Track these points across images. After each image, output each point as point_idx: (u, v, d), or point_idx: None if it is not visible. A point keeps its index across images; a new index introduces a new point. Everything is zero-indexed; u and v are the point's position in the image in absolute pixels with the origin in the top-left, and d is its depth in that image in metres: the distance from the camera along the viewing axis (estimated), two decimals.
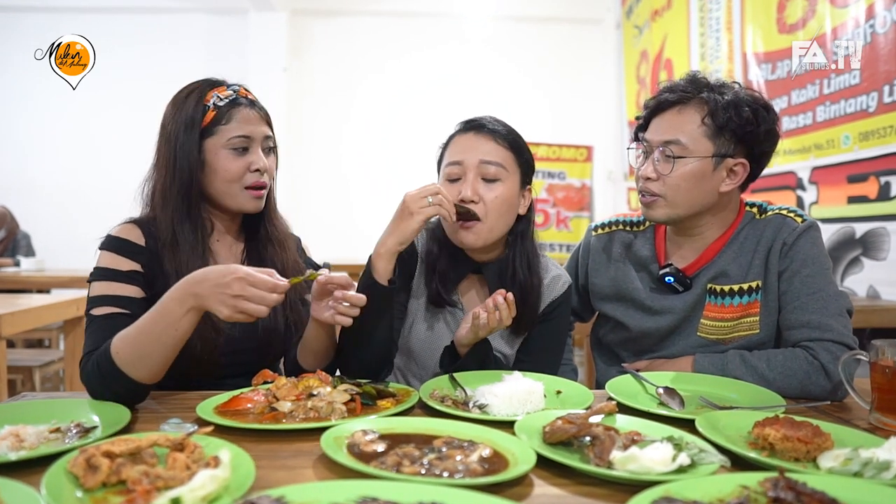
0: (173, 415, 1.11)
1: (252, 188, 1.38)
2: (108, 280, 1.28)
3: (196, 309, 1.13)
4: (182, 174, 1.34)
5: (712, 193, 1.43)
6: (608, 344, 1.65)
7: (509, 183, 1.41)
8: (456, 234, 1.43)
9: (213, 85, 1.39)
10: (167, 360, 1.16)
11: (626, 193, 6.20)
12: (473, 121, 1.44)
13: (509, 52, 6.78)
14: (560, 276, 1.54)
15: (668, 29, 5.45)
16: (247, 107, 1.39)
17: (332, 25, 6.86)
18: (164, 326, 1.13)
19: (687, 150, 1.40)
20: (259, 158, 1.38)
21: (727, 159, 1.41)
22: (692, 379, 1.35)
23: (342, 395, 1.09)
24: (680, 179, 1.41)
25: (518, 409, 1.12)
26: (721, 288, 1.46)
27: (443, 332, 1.50)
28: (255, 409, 1.09)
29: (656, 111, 1.48)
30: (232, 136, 1.35)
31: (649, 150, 1.46)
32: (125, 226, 1.37)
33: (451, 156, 1.43)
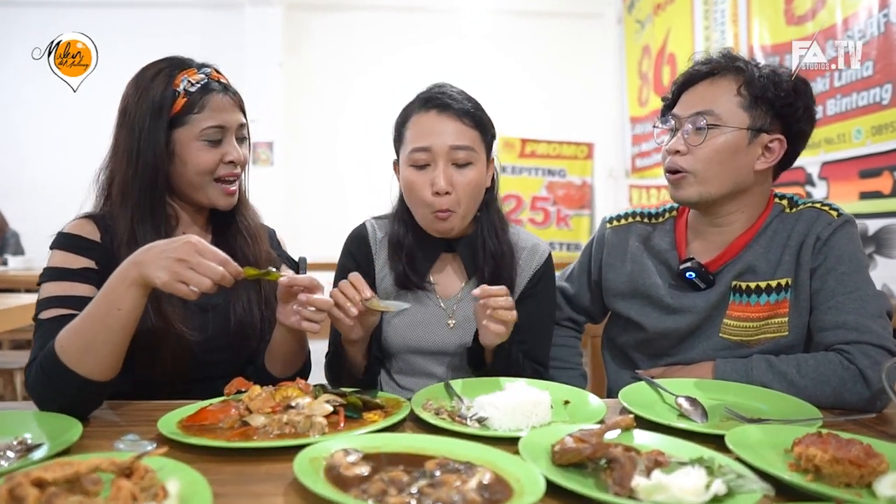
0: (132, 429, 0.98)
1: (224, 181, 1.28)
2: (59, 280, 1.16)
3: (138, 281, 1.00)
4: (146, 167, 1.22)
5: (747, 171, 1.32)
6: (621, 346, 1.52)
7: (479, 165, 1.33)
8: (430, 224, 1.34)
9: (181, 66, 1.26)
10: (116, 348, 1.03)
11: (628, 191, 6.08)
12: (435, 98, 1.33)
13: (508, 47, 6.68)
14: (539, 245, 1.46)
15: (671, 23, 5.34)
16: (220, 92, 1.26)
17: (328, 20, 6.75)
18: (107, 307, 1.01)
19: (720, 120, 1.30)
20: (233, 149, 1.27)
21: (763, 134, 1.31)
22: (714, 387, 1.22)
23: (323, 408, 0.96)
24: (712, 152, 1.30)
25: (522, 422, 0.99)
26: (747, 285, 1.34)
27: (416, 313, 1.40)
28: (224, 423, 0.96)
29: (686, 85, 1.38)
30: (205, 126, 1.23)
31: (678, 126, 1.36)
32: (78, 221, 1.25)
33: (415, 139, 1.31)
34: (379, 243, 1.44)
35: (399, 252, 1.40)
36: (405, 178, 1.33)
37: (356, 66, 6.66)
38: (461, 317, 1.41)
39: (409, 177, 1.31)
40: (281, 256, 1.45)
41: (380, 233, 1.46)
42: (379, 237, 1.45)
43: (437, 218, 1.31)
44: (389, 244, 1.43)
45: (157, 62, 1.28)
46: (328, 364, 1.36)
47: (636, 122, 6.04)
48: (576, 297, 1.62)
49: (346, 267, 1.43)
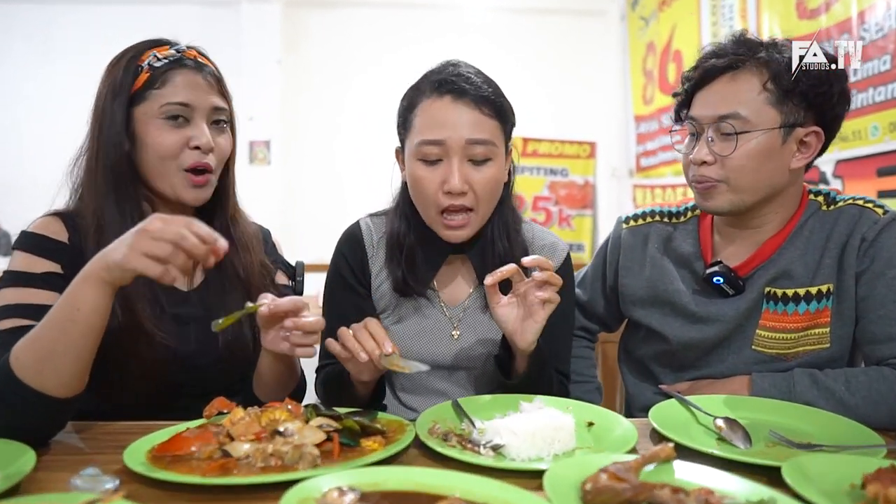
0: (95, 458, 0.86)
1: (192, 172, 1.13)
2: (19, 285, 1.04)
3: (99, 276, 0.87)
4: (107, 151, 1.11)
5: (782, 171, 1.19)
6: (640, 358, 1.39)
7: (499, 160, 1.18)
8: (440, 230, 1.18)
9: (153, 44, 1.14)
10: (79, 358, 0.90)
11: (632, 191, 5.97)
12: (450, 81, 1.15)
13: (509, 44, 6.57)
14: (557, 244, 1.32)
15: (676, 19, 5.22)
16: (191, 69, 1.13)
17: (327, 17, 6.65)
18: (67, 309, 0.89)
19: (749, 124, 1.16)
20: (202, 133, 1.12)
21: (797, 129, 1.17)
22: (751, 405, 1.10)
23: (314, 434, 0.84)
24: (744, 160, 1.16)
25: (543, 449, 0.87)
26: (783, 292, 1.21)
27: (417, 322, 1.26)
28: (200, 452, 0.83)
29: (701, 83, 1.23)
30: (166, 101, 1.10)
31: (699, 130, 1.21)
32: (44, 219, 1.13)
33: (425, 130, 1.15)
34: (375, 244, 1.29)
35: (398, 253, 1.24)
36: (412, 173, 1.17)
37: (355, 63, 6.55)
38: (467, 327, 1.26)
39: (417, 172, 1.16)
40: (276, 262, 1.31)
41: (376, 233, 1.30)
42: (375, 237, 1.30)
43: (449, 226, 1.16)
44: (387, 244, 1.27)
45: (134, 44, 1.15)
46: (321, 383, 1.22)
47: (640, 121, 5.92)
48: (589, 305, 1.49)
49: (338, 271, 1.29)
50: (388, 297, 1.27)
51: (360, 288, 1.28)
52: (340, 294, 1.28)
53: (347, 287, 1.27)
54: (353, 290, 1.27)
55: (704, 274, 1.26)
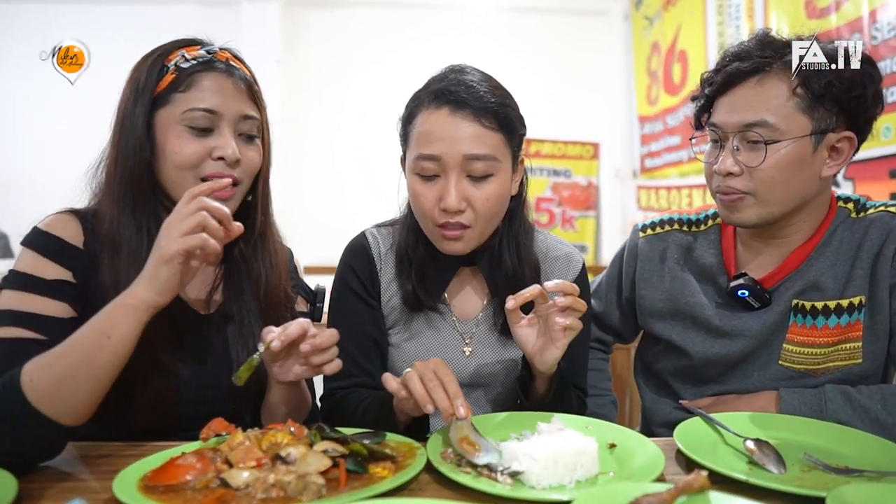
0: (82, 485, 0.80)
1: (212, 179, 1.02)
2: (26, 290, 0.95)
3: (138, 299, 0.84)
4: (126, 156, 1.01)
5: (813, 180, 1.12)
6: (659, 372, 1.33)
7: (502, 175, 1.09)
8: (438, 242, 1.12)
9: (184, 44, 1.06)
10: (98, 386, 0.85)
11: (636, 192, 5.92)
12: (449, 91, 1.07)
13: (510, 44, 6.52)
14: (572, 255, 1.25)
15: (682, 18, 5.17)
16: (221, 73, 1.04)
17: (327, 16, 6.61)
18: (95, 335, 0.83)
19: (778, 132, 1.09)
20: (226, 143, 1.02)
21: (828, 135, 1.10)
22: (781, 424, 1.03)
23: (319, 461, 0.78)
24: (774, 170, 1.10)
25: (565, 476, 0.81)
26: (812, 305, 1.15)
27: (428, 338, 1.20)
28: (196, 482, 0.77)
29: (724, 87, 1.15)
30: (189, 107, 1.01)
31: (722, 139, 1.15)
32: (60, 216, 1.03)
33: (422, 144, 1.07)
34: (383, 256, 1.22)
35: (408, 267, 1.18)
36: (411, 187, 1.11)
37: (356, 63, 6.51)
38: (480, 343, 1.20)
39: (415, 187, 1.10)
40: (296, 287, 1.22)
41: (383, 244, 1.23)
42: (383, 249, 1.23)
43: (446, 237, 1.09)
44: (397, 256, 1.21)
45: (165, 43, 1.07)
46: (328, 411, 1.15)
47: (645, 122, 5.86)
48: (604, 316, 1.43)
49: (347, 283, 1.22)
50: (397, 312, 1.21)
51: (371, 300, 1.22)
52: (351, 305, 1.21)
53: (358, 298, 1.21)
54: (364, 301, 1.21)
55: (728, 287, 1.20)
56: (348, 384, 1.15)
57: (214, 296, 1.11)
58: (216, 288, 1.11)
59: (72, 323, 0.92)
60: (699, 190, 4.46)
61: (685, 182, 4.80)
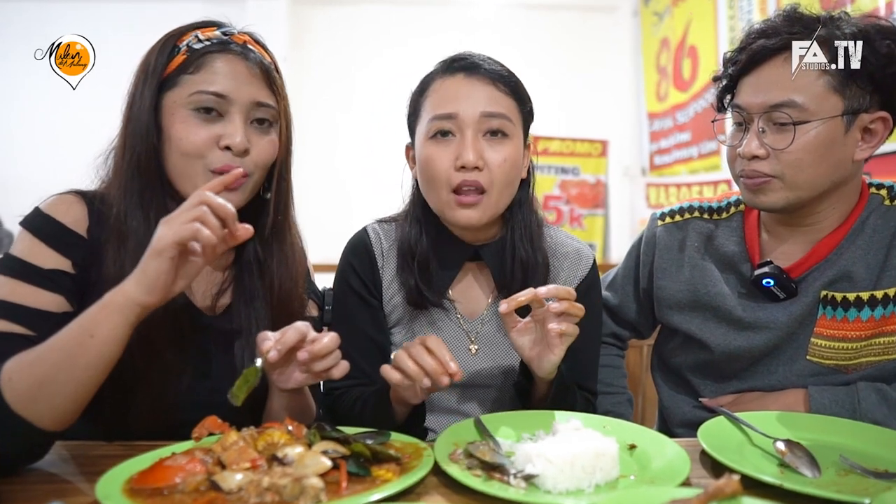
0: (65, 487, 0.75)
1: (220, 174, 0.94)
2: (20, 278, 0.88)
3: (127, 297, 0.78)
4: (134, 141, 0.94)
5: (844, 164, 1.06)
6: (677, 367, 1.26)
7: (516, 140, 1.09)
8: (451, 210, 1.06)
9: (201, 25, 1.00)
10: (80, 391, 0.79)
11: (645, 189, 5.85)
12: (462, 58, 1.09)
13: (518, 41, 6.46)
14: (582, 251, 1.21)
15: (692, 14, 5.10)
16: (235, 55, 0.97)
17: (333, 13, 6.58)
18: (77, 333, 0.77)
19: (807, 112, 1.03)
20: (235, 131, 0.95)
21: (861, 115, 1.04)
22: (811, 424, 0.97)
23: (318, 463, 0.72)
24: (802, 153, 1.03)
25: (583, 480, 0.75)
26: (843, 296, 1.08)
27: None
28: (185, 485, 0.71)
29: (749, 66, 1.09)
30: (197, 90, 0.94)
31: (747, 120, 1.09)
32: (63, 197, 0.97)
33: (437, 105, 1.06)
34: (385, 252, 1.17)
35: (411, 261, 1.13)
36: (422, 155, 1.07)
37: (362, 60, 6.48)
38: (486, 342, 1.15)
39: (428, 151, 1.05)
40: (307, 291, 1.14)
41: (385, 240, 1.18)
42: (385, 245, 1.18)
43: (461, 203, 1.04)
44: (399, 251, 1.15)
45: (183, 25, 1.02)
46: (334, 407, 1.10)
47: (654, 118, 5.79)
48: (619, 309, 1.37)
49: (347, 281, 1.17)
50: (400, 310, 1.16)
51: (372, 299, 1.17)
52: (351, 306, 1.16)
53: (358, 298, 1.16)
54: (364, 300, 1.16)
55: (752, 276, 1.14)
56: (348, 385, 1.10)
57: (222, 298, 1.05)
58: (224, 290, 1.05)
59: (66, 318, 0.85)
60: (710, 187, 4.39)
61: (695, 179, 4.73)
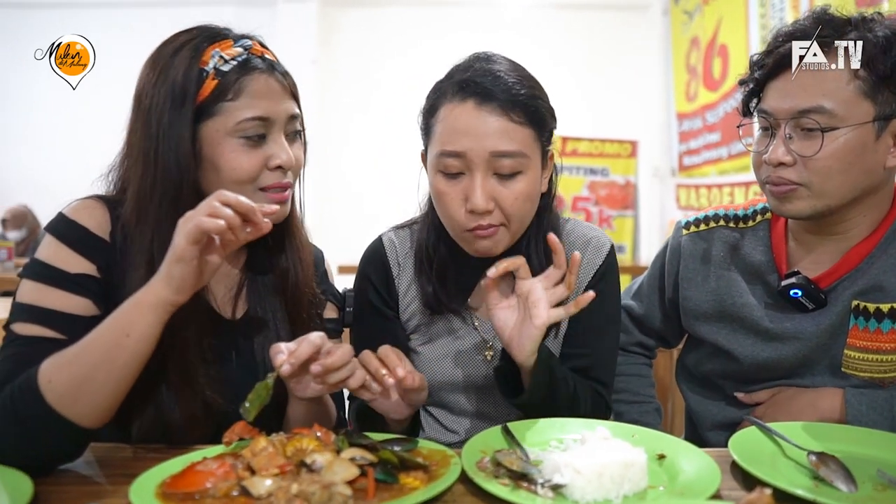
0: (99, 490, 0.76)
1: (271, 189, 0.98)
2: (48, 283, 0.90)
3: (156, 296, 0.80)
4: (167, 175, 0.93)
5: (875, 171, 1.03)
6: (706, 375, 1.24)
7: (531, 172, 1.02)
8: (467, 243, 1.05)
9: (212, 38, 0.97)
10: (118, 389, 0.81)
11: (675, 191, 5.78)
12: (475, 82, 1.00)
13: (546, 41, 6.44)
14: (599, 238, 1.16)
15: (722, 12, 5.03)
16: (264, 72, 0.97)
17: (363, 15, 6.63)
18: (114, 334, 0.80)
19: (837, 118, 1.00)
20: (282, 149, 0.97)
21: (893, 121, 1.01)
22: (845, 435, 0.95)
23: (346, 470, 0.73)
24: (831, 160, 1.00)
25: (611, 490, 0.74)
26: (877, 307, 1.05)
27: (451, 343, 1.14)
28: (216, 490, 0.72)
29: (777, 70, 1.06)
30: (243, 118, 0.94)
31: (773, 126, 1.06)
32: (86, 203, 0.97)
33: (445, 139, 1.00)
34: (401, 260, 1.16)
35: (428, 268, 1.12)
36: (434, 186, 1.05)
37: (391, 62, 6.50)
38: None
39: (438, 186, 1.03)
40: (326, 293, 1.15)
41: (401, 247, 1.17)
42: (400, 253, 1.17)
43: (476, 236, 1.02)
44: (416, 257, 1.14)
45: (180, 33, 0.98)
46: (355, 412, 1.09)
47: (683, 119, 5.72)
48: (645, 318, 1.35)
49: (363, 294, 1.17)
50: (417, 317, 1.15)
51: (388, 310, 1.16)
52: (368, 319, 1.16)
53: (374, 311, 1.16)
54: (380, 313, 1.16)
55: (780, 286, 1.11)
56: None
57: (240, 299, 1.06)
58: (242, 289, 1.06)
59: (94, 321, 0.87)
60: (741, 188, 4.32)
61: (726, 180, 4.66)
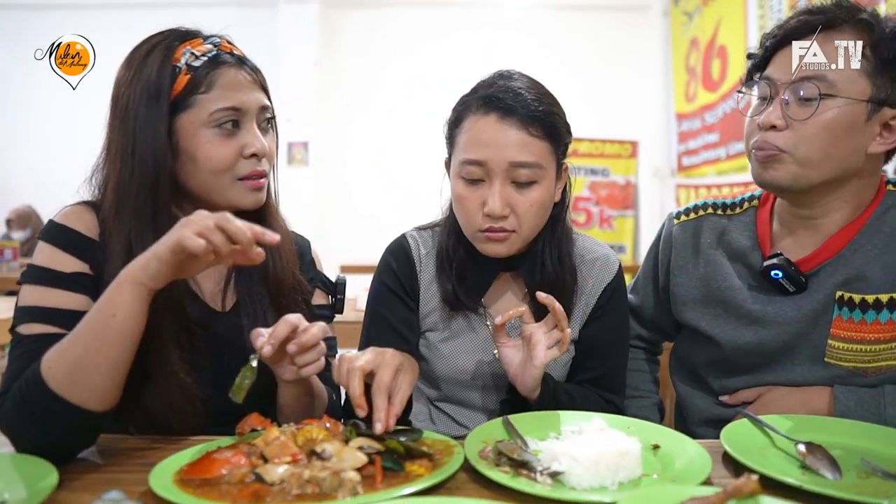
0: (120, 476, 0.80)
1: (248, 178, 1.03)
2: (46, 284, 0.96)
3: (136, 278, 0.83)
4: (144, 167, 0.98)
5: (857, 154, 1.06)
6: (693, 367, 1.28)
7: (546, 182, 1.10)
8: (480, 244, 1.12)
9: (182, 37, 1.03)
10: (114, 368, 0.85)
11: (675, 191, 5.81)
12: (497, 97, 1.08)
13: (547, 41, 6.48)
14: (608, 257, 1.23)
15: (721, 13, 5.06)
16: (234, 66, 1.02)
17: (364, 16, 6.64)
18: (101, 315, 0.84)
19: (835, 89, 1.03)
20: (255, 138, 1.03)
21: (885, 108, 1.04)
22: (832, 427, 0.99)
23: (354, 458, 0.76)
24: (819, 129, 1.04)
25: (607, 478, 0.78)
26: (862, 298, 1.08)
27: (466, 341, 1.20)
28: (231, 476, 0.76)
29: (786, 39, 1.08)
30: (216, 108, 0.99)
31: (772, 93, 1.08)
32: (75, 209, 1.03)
33: (468, 149, 1.08)
34: (423, 258, 1.23)
35: (449, 268, 1.18)
36: (455, 190, 1.12)
37: (393, 63, 6.53)
38: None
39: (459, 191, 1.10)
40: (313, 280, 1.20)
41: (423, 247, 1.24)
42: (423, 252, 1.23)
43: (489, 239, 1.09)
44: (437, 258, 1.21)
45: (152, 35, 1.04)
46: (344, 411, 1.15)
47: (682, 119, 5.76)
48: (641, 309, 1.39)
49: (385, 283, 1.23)
50: (437, 313, 1.21)
51: (408, 299, 1.22)
52: (384, 301, 1.22)
53: (396, 297, 1.22)
54: (398, 297, 1.22)
55: (761, 267, 1.15)
56: None
57: (228, 290, 1.11)
58: (230, 281, 1.11)
59: None
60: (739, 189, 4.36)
61: (724, 180, 4.69)
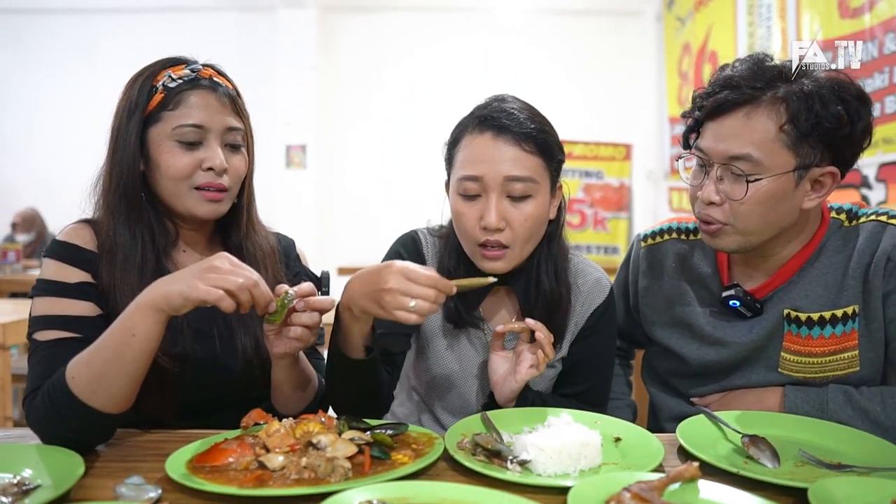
0: (138, 466, 0.90)
1: (204, 189, 1.13)
2: (54, 295, 1.07)
3: (155, 304, 0.92)
4: (121, 170, 1.12)
5: (793, 213, 1.14)
6: (664, 374, 1.38)
7: (540, 197, 1.16)
8: (478, 260, 1.19)
9: (168, 64, 1.15)
10: (131, 379, 0.95)
11: (668, 193, 5.91)
12: (491, 117, 1.15)
13: (542, 46, 6.54)
14: (600, 280, 1.30)
15: (713, 19, 5.15)
16: (206, 89, 1.13)
17: (361, 22, 6.69)
18: (121, 334, 0.93)
19: (761, 167, 1.09)
20: (214, 155, 1.12)
21: (813, 169, 1.10)
22: (783, 422, 1.09)
23: (346, 448, 0.87)
24: (753, 204, 1.11)
25: (570, 466, 0.88)
26: (808, 316, 1.18)
27: (467, 353, 1.28)
28: (238, 463, 0.87)
29: (714, 114, 1.14)
30: (178, 124, 1.11)
31: (707, 164, 1.16)
32: (74, 227, 1.15)
33: (465, 166, 1.15)
34: (430, 261, 1.29)
35: None
36: (454, 207, 1.19)
37: (390, 68, 6.58)
38: None
39: (457, 207, 1.17)
40: (298, 275, 1.31)
41: (431, 249, 1.31)
42: (431, 252, 1.31)
43: (485, 256, 1.16)
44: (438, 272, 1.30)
45: (152, 63, 1.17)
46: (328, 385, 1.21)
47: (675, 123, 5.85)
48: None
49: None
50: (437, 326, 1.28)
51: None
52: None
53: None
54: None
55: (720, 297, 1.25)
56: None
57: None
58: None
59: (100, 320, 1.06)
60: None
61: None
